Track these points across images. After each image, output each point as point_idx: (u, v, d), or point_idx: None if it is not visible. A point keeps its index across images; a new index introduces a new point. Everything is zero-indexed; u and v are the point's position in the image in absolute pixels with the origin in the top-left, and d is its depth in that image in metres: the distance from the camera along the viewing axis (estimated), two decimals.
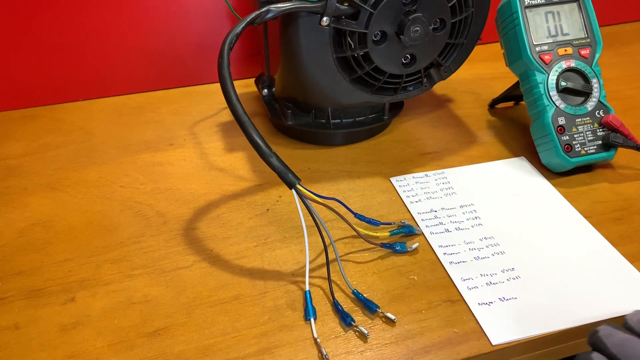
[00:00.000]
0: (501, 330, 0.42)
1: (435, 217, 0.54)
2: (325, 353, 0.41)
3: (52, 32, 0.69)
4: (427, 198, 0.56)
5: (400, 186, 0.58)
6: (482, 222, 0.53)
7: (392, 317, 0.43)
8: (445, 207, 0.55)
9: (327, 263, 0.46)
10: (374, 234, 0.50)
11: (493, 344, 0.42)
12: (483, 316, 0.44)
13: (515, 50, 0.60)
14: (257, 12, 0.49)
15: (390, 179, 0.59)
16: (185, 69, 0.77)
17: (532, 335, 0.42)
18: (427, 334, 0.43)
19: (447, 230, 0.52)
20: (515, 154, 0.63)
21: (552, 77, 0.58)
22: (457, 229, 0.52)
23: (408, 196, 0.56)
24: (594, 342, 0.37)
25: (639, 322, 0.37)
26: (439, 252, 0.50)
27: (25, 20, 0.68)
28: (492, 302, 0.45)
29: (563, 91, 0.58)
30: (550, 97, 0.58)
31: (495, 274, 0.48)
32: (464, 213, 0.54)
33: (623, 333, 0.36)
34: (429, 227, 0.53)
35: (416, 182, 0.58)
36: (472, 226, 0.53)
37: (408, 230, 0.51)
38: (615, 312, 0.44)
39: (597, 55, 0.59)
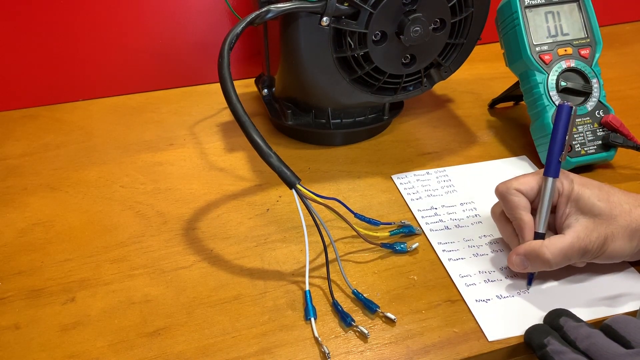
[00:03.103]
0: (498, 327, 0.43)
1: (436, 214, 0.54)
2: (327, 351, 0.41)
3: (52, 32, 0.69)
4: (428, 195, 0.56)
5: (401, 184, 0.58)
6: (481, 220, 0.53)
7: (392, 317, 0.43)
8: (445, 205, 0.55)
9: (327, 263, 0.46)
10: (374, 234, 0.50)
11: (489, 340, 0.42)
12: (480, 313, 0.44)
13: (515, 50, 0.60)
14: (257, 12, 0.49)
15: (392, 176, 0.59)
16: (185, 69, 0.77)
17: None
18: (427, 334, 0.43)
19: (447, 228, 0.52)
20: (515, 153, 0.63)
21: (552, 77, 0.58)
22: (457, 226, 0.53)
23: (409, 193, 0.57)
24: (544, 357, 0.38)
25: (584, 338, 0.38)
26: (438, 249, 0.50)
27: (25, 21, 0.68)
28: (489, 300, 0.45)
29: (563, 91, 0.58)
30: (550, 97, 0.58)
31: (494, 271, 0.48)
32: (464, 210, 0.54)
33: (572, 352, 0.37)
34: (428, 224, 0.53)
35: (417, 180, 0.58)
36: (472, 224, 0.53)
37: (408, 230, 0.51)
38: (613, 311, 0.44)
39: (597, 55, 0.59)
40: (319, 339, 0.42)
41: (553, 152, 0.45)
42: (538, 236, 0.45)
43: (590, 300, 0.45)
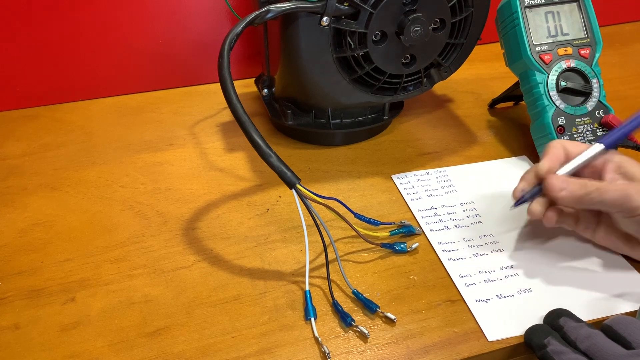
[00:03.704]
0: (498, 327, 0.43)
1: (436, 214, 0.54)
2: (327, 351, 0.41)
3: (52, 32, 0.69)
4: (428, 196, 0.56)
5: (401, 184, 0.58)
6: (481, 220, 0.53)
7: (392, 317, 0.43)
8: (445, 205, 0.55)
9: (327, 263, 0.46)
10: (374, 234, 0.50)
11: (489, 340, 0.42)
12: (480, 313, 0.44)
13: (515, 50, 0.60)
14: (257, 12, 0.49)
15: (392, 176, 0.59)
16: (185, 69, 0.77)
17: None
18: (427, 334, 0.43)
19: (447, 228, 0.52)
20: (515, 153, 0.63)
21: (552, 77, 0.58)
22: (457, 226, 0.53)
23: (409, 193, 0.57)
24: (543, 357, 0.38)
25: (585, 339, 0.37)
26: (438, 249, 0.50)
27: (25, 21, 0.68)
28: (489, 299, 0.45)
29: (563, 91, 0.58)
30: (550, 97, 0.58)
31: (494, 271, 0.48)
32: (464, 211, 0.54)
33: (572, 352, 0.37)
34: (428, 224, 0.53)
35: (417, 180, 0.58)
36: (472, 224, 0.53)
37: (408, 230, 0.51)
38: (613, 311, 0.44)
39: (597, 55, 0.59)
40: (319, 339, 0.42)
41: (623, 130, 0.46)
42: None
43: (590, 300, 0.45)
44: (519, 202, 0.47)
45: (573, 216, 0.48)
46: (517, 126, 0.68)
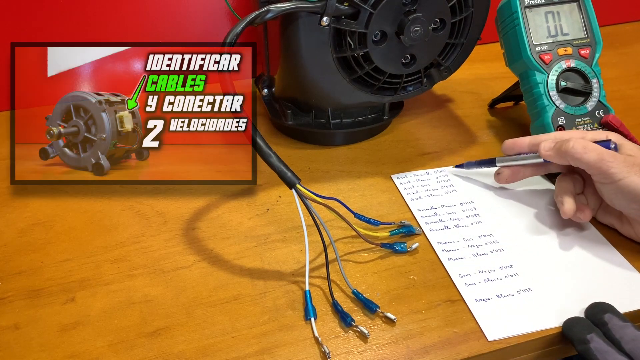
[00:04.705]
0: (498, 327, 0.43)
1: (435, 214, 0.54)
2: (327, 351, 0.41)
3: (52, 32, 0.69)
4: (428, 195, 0.56)
5: (401, 183, 0.58)
6: (481, 220, 0.53)
7: (392, 317, 0.43)
8: (445, 205, 0.55)
9: (327, 263, 0.46)
10: (374, 234, 0.50)
11: (489, 340, 0.42)
12: (480, 312, 0.44)
13: (515, 50, 0.60)
14: (257, 12, 0.49)
15: (392, 176, 0.59)
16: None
17: (529, 332, 0.42)
18: (427, 334, 0.43)
19: (447, 227, 0.52)
20: None
21: (552, 77, 0.58)
22: (457, 226, 0.53)
23: (409, 193, 0.57)
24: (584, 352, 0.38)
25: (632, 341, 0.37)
26: (437, 248, 0.50)
27: (24, 20, 0.68)
28: (489, 299, 0.45)
29: (563, 91, 0.58)
30: (550, 97, 0.58)
31: (494, 270, 0.48)
32: (463, 210, 0.54)
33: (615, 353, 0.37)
34: (428, 224, 0.53)
35: (417, 180, 0.58)
36: (472, 223, 0.53)
37: (408, 230, 0.51)
38: None
39: (597, 55, 0.59)
40: (319, 339, 0.42)
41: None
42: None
43: (591, 300, 0.44)
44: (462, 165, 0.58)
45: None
46: (517, 126, 0.68)
